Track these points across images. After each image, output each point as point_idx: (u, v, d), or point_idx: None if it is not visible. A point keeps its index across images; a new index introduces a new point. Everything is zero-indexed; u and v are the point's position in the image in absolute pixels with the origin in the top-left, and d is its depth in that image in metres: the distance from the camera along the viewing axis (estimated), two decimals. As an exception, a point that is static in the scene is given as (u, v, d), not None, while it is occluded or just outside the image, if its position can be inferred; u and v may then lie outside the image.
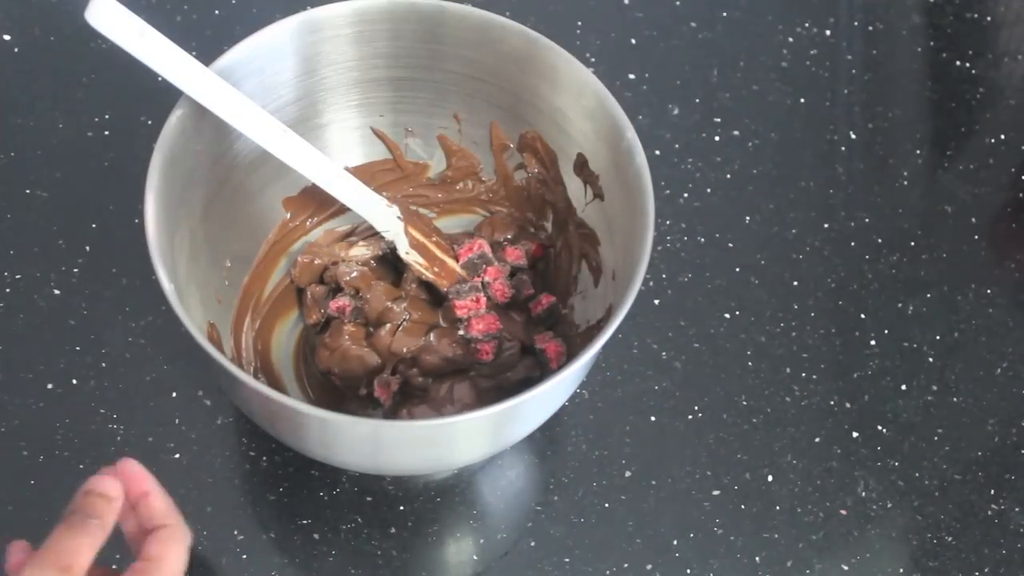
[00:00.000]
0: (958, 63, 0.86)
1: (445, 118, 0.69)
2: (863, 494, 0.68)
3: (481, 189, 0.70)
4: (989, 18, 0.89)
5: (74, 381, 0.67)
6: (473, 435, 0.57)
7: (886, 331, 0.74)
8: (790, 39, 0.86)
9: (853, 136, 0.82)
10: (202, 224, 0.61)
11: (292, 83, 0.64)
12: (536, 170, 0.68)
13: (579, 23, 0.84)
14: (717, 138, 0.80)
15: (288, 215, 0.69)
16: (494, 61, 0.64)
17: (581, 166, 0.65)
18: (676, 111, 0.81)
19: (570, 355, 0.64)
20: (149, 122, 0.75)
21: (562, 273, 0.68)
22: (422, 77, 0.66)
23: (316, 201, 0.68)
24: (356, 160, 0.70)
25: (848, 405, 0.71)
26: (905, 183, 0.80)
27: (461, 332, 0.64)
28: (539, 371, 0.65)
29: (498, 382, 0.65)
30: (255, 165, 0.64)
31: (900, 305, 0.75)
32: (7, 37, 0.79)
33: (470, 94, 0.67)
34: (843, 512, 0.67)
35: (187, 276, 0.59)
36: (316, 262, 0.67)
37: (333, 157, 0.68)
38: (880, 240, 0.77)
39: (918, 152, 0.82)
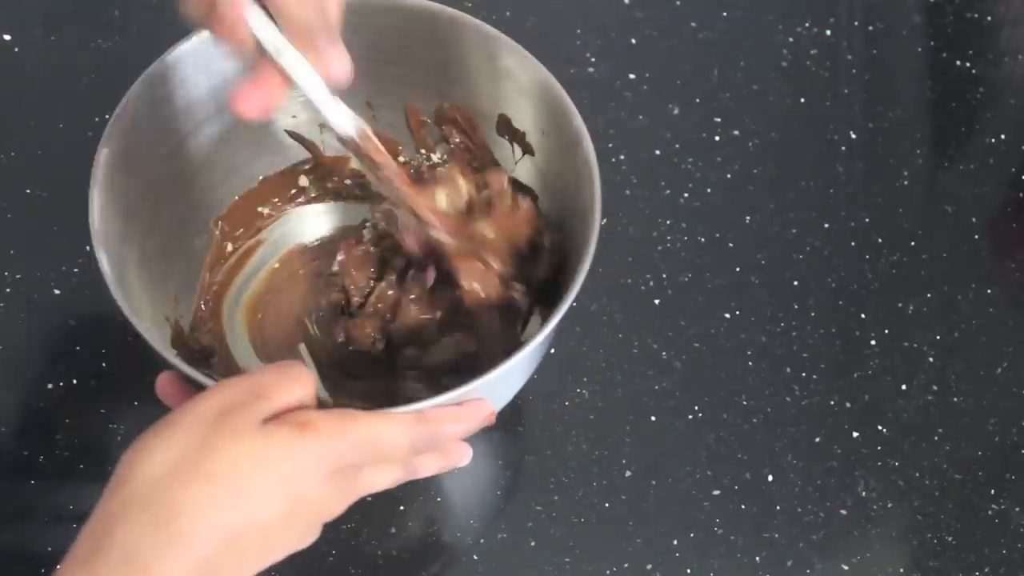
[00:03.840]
0: (958, 63, 0.86)
1: (357, 107, 0.68)
2: (863, 494, 0.68)
3: (408, 169, 0.70)
4: (989, 18, 0.89)
5: (74, 381, 0.67)
6: None
7: (886, 331, 0.74)
8: (790, 39, 0.86)
9: (853, 136, 0.82)
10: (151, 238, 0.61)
11: (206, 98, 0.63)
12: (458, 139, 0.68)
13: (579, 23, 0.84)
14: (717, 138, 0.80)
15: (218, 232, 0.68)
16: (399, 41, 0.64)
17: (505, 125, 0.65)
18: (676, 111, 0.81)
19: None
20: (149, 122, 0.75)
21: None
22: None
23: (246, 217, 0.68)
24: (278, 165, 0.69)
25: (848, 405, 0.71)
26: (905, 183, 0.80)
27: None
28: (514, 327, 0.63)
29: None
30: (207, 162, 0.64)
31: (900, 305, 0.75)
32: (7, 37, 0.79)
33: (379, 79, 0.65)
34: (843, 512, 0.67)
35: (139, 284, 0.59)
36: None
37: (255, 164, 0.68)
38: (880, 240, 0.77)
39: (918, 152, 0.82)
